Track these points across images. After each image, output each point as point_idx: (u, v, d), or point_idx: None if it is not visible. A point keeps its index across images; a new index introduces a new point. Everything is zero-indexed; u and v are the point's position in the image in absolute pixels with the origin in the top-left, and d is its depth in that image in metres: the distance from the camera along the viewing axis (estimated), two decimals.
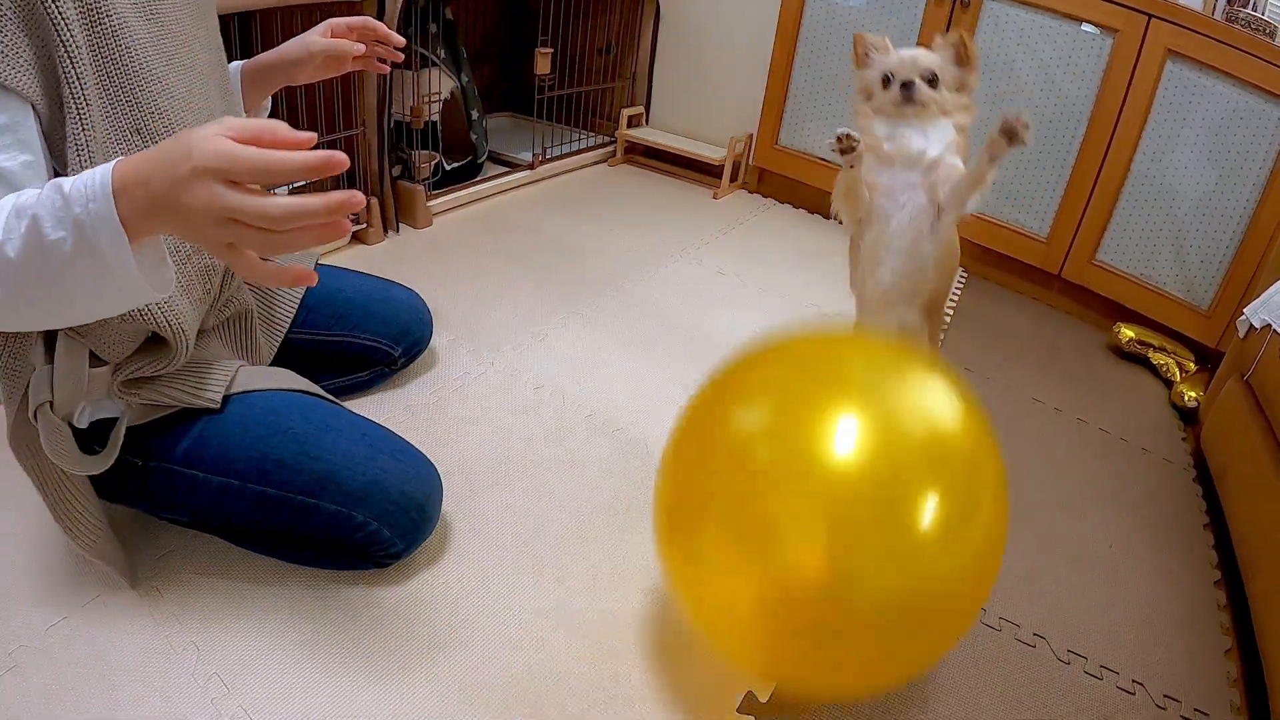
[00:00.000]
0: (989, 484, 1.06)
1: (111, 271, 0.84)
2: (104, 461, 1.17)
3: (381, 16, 2.32)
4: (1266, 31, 2.32)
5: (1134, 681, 1.43)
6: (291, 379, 1.41)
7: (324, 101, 2.35)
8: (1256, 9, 2.43)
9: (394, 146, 2.65)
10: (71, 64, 0.95)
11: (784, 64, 3.06)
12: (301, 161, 0.78)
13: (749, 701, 1.28)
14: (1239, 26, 2.31)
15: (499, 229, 2.80)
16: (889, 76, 1.43)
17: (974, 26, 2.62)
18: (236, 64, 1.48)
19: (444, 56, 2.74)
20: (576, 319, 2.28)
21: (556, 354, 2.11)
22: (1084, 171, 2.58)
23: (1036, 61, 2.57)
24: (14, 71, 0.92)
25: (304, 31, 1.82)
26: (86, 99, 0.98)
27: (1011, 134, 1.25)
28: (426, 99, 2.68)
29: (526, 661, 1.29)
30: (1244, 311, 1.97)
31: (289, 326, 1.61)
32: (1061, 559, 1.69)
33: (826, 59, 2.96)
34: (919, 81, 1.42)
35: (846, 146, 1.35)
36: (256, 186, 0.79)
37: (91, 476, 1.21)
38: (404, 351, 1.83)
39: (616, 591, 1.44)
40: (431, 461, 1.41)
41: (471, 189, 2.94)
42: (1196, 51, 2.30)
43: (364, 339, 1.74)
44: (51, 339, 1.12)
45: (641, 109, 3.61)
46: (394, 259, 2.49)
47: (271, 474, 1.26)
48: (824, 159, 3.09)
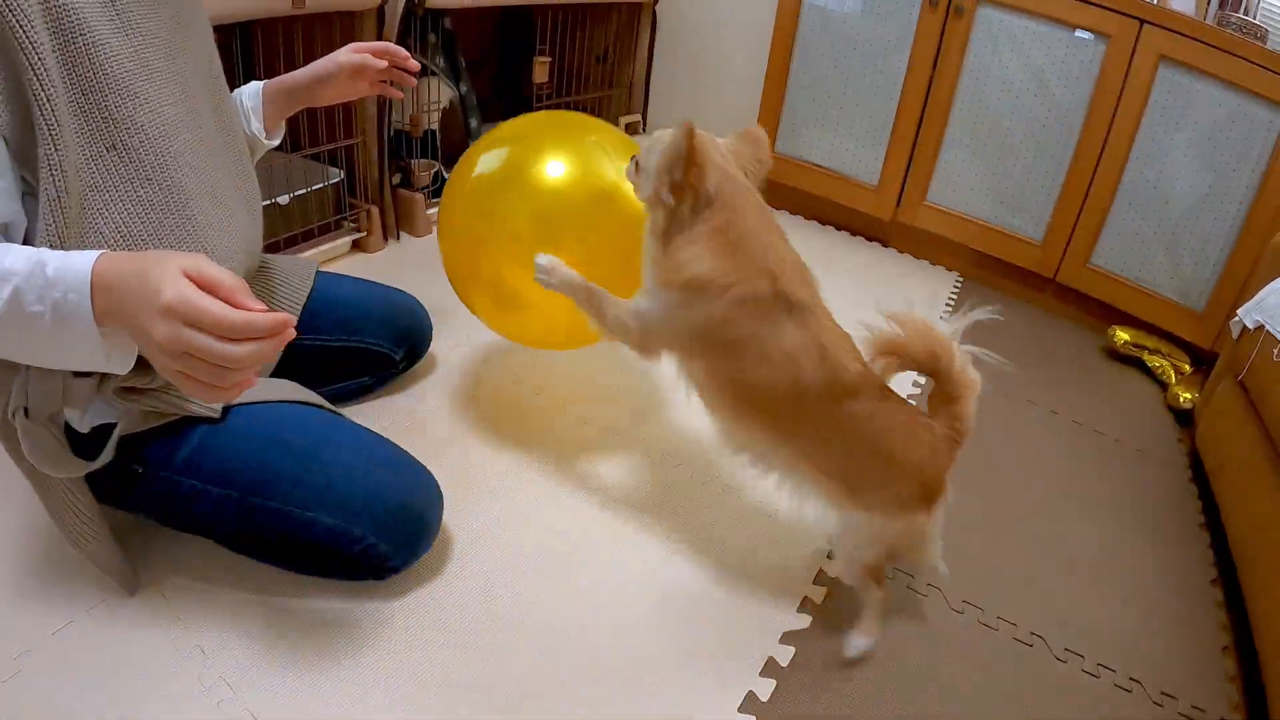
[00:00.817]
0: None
1: (81, 349, 0.94)
2: (84, 467, 1.16)
3: (381, 27, 2.34)
4: (1258, 35, 2.34)
5: (1131, 679, 1.44)
6: (293, 390, 1.41)
7: (325, 111, 2.36)
8: (1248, 13, 2.45)
9: (394, 155, 2.66)
10: (41, 86, 0.95)
11: (780, 71, 3.07)
12: (260, 324, 0.86)
13: (750, 701, 1.29)
14: (1231, 31, 2.33)
15: None
16: None
17: (968, 33, 2.64)
18: (258, 84, 1.51)
19: (443, 66, 2.76)
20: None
21: (557, 360, 2.11)
22: (1078, 176, 2.60)
23: (1030, 67, 2.58)
24: None
25: (303, 42, 1.85)
26: (58, 120, 0.97)
27: None
28: (426, 108, 2.69)
29: (530, 667, 1.30)
30: (1237, 313, 1.99)
31: (296, 320, 1.62)
32: (1059, 559, 1.70)
33: (822, 66, 2.98)
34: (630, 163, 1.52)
35: None
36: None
37: (93, 483, 1.22)
38: (405, 355, 1.84)
39: (619, 599, 1.45)
40: (431, 472, 1.42)
41: None
42: (1189, 56, 2.32)
43: (366, 343, 1.75)
44: None
45: (639, 116, 3.63)
46: (394, 266, 2.49)
47: (270, 486, 1.26)
48: (821, 165, 3.11)
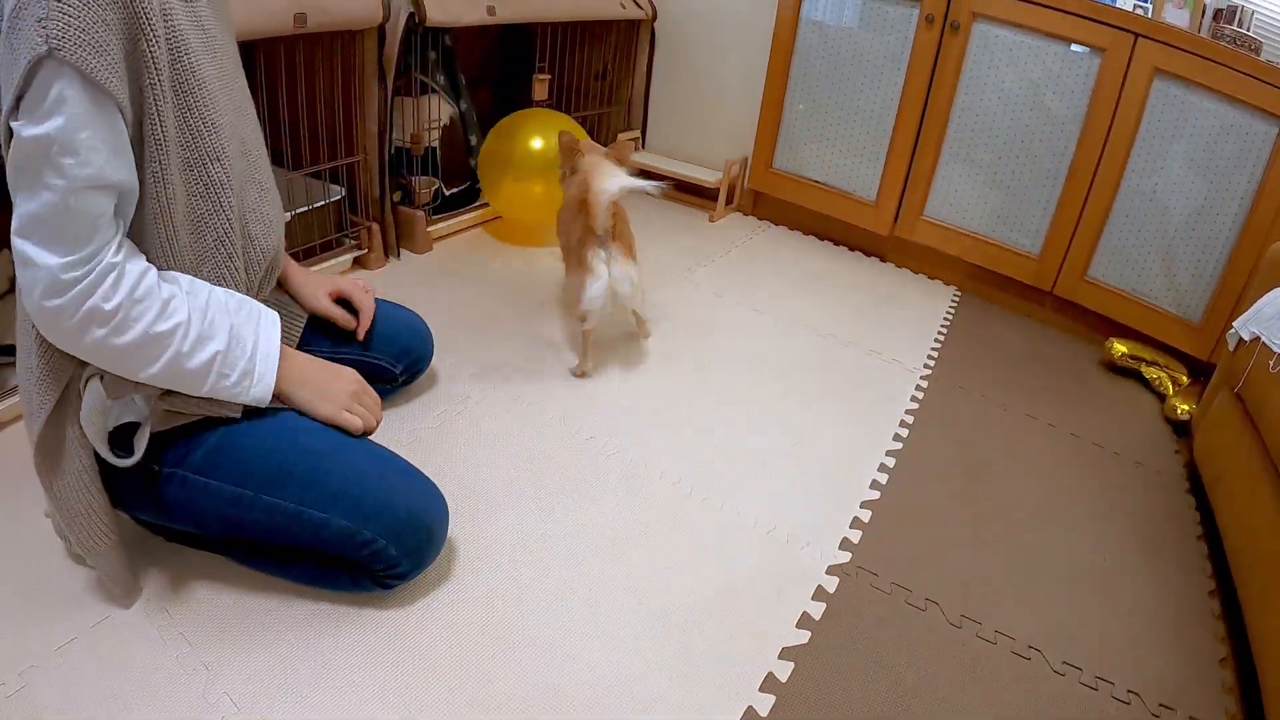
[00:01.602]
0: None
1: (240, 400, 1.27)
2: (117, 459, 1.20)
3: (382, 45, 2.36)
4: (1251, 48, 2.35)
5: (1129, 691, 1.44)
6: None
7: (326, 129, 2.38)
8: (1241, 25, 2.46)
9: (394, 172, 2.68)
10: (155, 103, 1.11)
11: (778, 88, 3.10)
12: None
13: (749, 717, 1.30)
14: (1225, 44, 2.34)
15: (499, 254, 2.82)
16: None
17: (964, 48, 2.66)
18: None
19: (443, 83, 2.78)
20: (577, 343, 2.29)
21: (558, 378, 2.13)
22: (1074, 189, 2.61)
23: (1026, 82, 2.60)
24: (120, 89, 1.05)
25: (304, 61, 1.89)
26: (164, 133, 1.13)
27: None
28: (426, 126, 2.71)
29: (533, 680, 1.31)
30: (1234, 325, 1.99)
31: (295, 345, 1.64)
32: (1056, 572, 1.70)
33: (820, 83, 3.00)
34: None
35: None
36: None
37: (106, 482, 1.24)
38: (405, 369, 1.86)
39: (618, 613, 1.45)
40: (437, 486, 1.43)
41: (471, 214, 2.97)
42: (1183, 69, 2.33)
43: (365, 357, 1.76)
44: None
45: (638, 133, 3.65)
46: (395, 283, 2.51)
47: (284, 486, 1.28)
48: (819, 181, 3.12)
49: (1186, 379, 2.49)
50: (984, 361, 2.54)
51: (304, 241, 2.38)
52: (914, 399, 2.24)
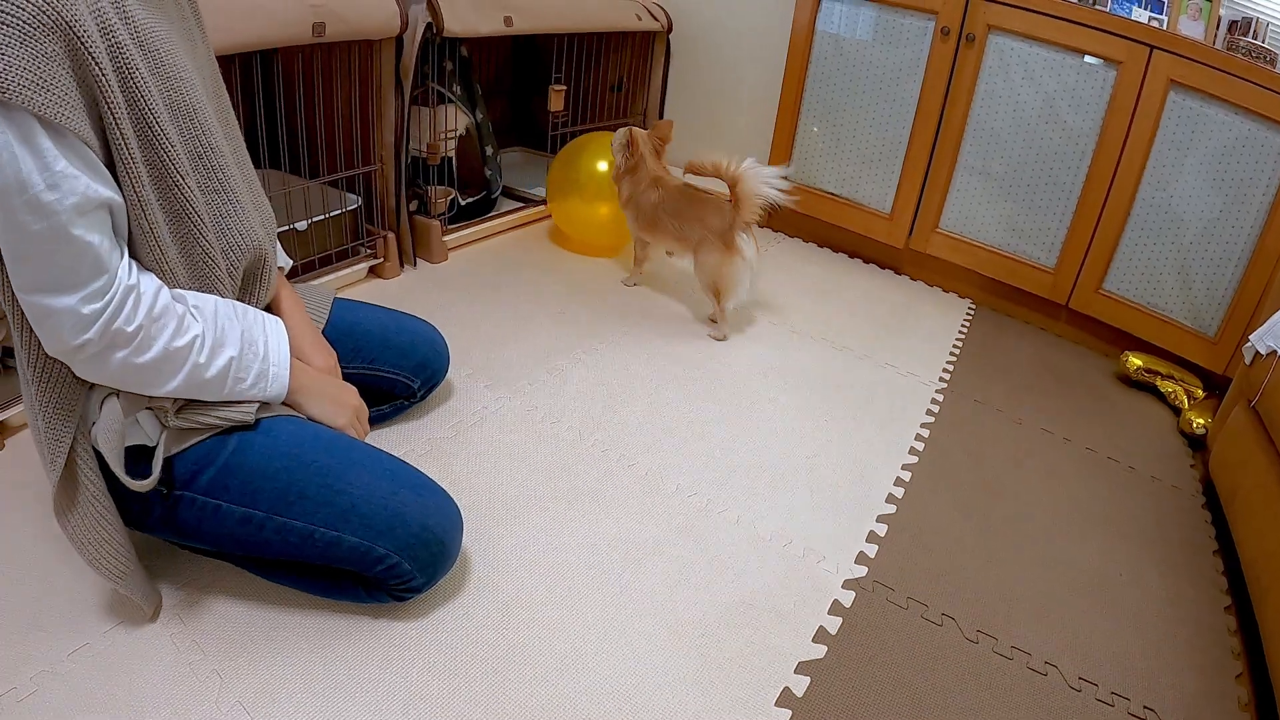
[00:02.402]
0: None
1: (258, 399, 1.30)
2: (131, 484, 1.19)
3: (399, 55, 2.37)
4: (1267, 59, 2.35)
5: (1145, 708, 1.43)
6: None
7: (343, 138, 2.40)
8: (1257, 37, 2.46)
9: (410, 182, 2.69)
10: (116, 126, 1.07)
11: (793, 100, 3.10)
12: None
13: None
14: (1240, 55, 2.34)
15: (514, 264, 2.83)
16: None
17: (980, 60, 2.67)
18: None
19: (459, 93, 2.79)
20: (593, 355, 2.30)
21: (573, 389, 2.13)
22: (1090, 202, 2.61)
23: (1042, 94, 2.60)
24: (78, 120, 1.01)
25: (322, 69, 1.91)
26: (132, 155, 1.11)
27: None
28: (442, 135, 2.72)
29: (547, 693, 1.31)
30: (1250, 338, 1.99)
31: (324, 324, 1.65)
32: (1072, 587, 1.70)
33: (835, 94, 3.00)
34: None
35: None
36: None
37: (118, 503, 1.24)
38: (422, 384, 1.86)
39: (634, 627, 1.45)
40: (451, 497, 1.43)
41: (486, 224, 2.98)
42: (1199, 81, 2.33)
43: (383, 371, 1.77)
44: None
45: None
46: (410, 293, 2.52)
47: (295, 506, 1.27)
48: (833, 193, 3.13)
49: (1202, 393, 2.49)
50: (999, 375, 2.53)
51: (320, 250, 2.39)
52: (929, 412, 2.24)
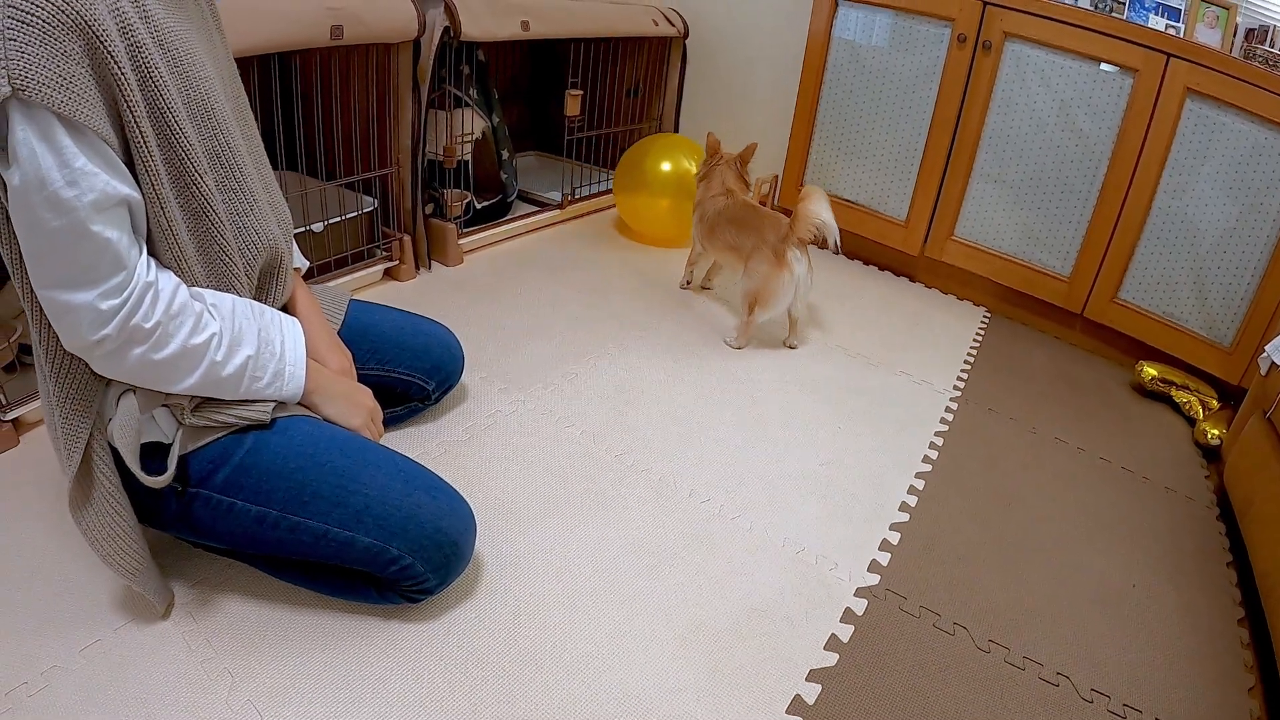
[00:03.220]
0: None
1: (274, 399, 1.31)
2: (147, 480, 1.19)
3: (416, 59, 2.38)
4: None
5: (1157, 719, 1.43)
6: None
7: (360, 141, 2.41)
8: (1274, 45, 2.45)
9: (427, 185, 2.70)
10: (135, 124, 1.08)
11: (809, 106, 3.11)
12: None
13: None
14: (1257, 63, 2.33)
15: (529, 268, 2.84)
16: None
17: (996, 67, 2.66)
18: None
19: (476, 97, 2.80)
20: (607, 359, 2.31)
21: (587, 394, 2.14)
22: (1106, 210, 2.60)
23: (1058, 102, 2.60)
24: (97, 118, 1.02)
25: (340, 72, 1.92)
26: (151, 153, 1.11)
27: None
28: (459, 139, 2.73)
29: (558, 697, 1.31)
30: (1265, 349, 1.98)
31: (340, 325, 1.66)
32: (1085, 598, 1.69)
33: (852, 101, 3.01)
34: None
35: None
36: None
37: (132, 500, 1.25)
38: (437, 386, 1.86)
39: (645, 632, 1.45)
40: (465, 499, 1.43)
41: (502, 228, 2.99)
42: (1215, 89, 2.32)
43: (399, 374, 1.78)
44: None
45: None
46: (425, 296, 2.53)
47: (309, 505, 1.28)
48: (849, 200, 3.13)
49: (1217, 403, 2.48)
50: (1014, 384, 2.53)
51: (336, 252, 2.40)
52: (943, 421, 2.24)
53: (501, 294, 2.61)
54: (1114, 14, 2.53)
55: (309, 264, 1.67)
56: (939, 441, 2.14)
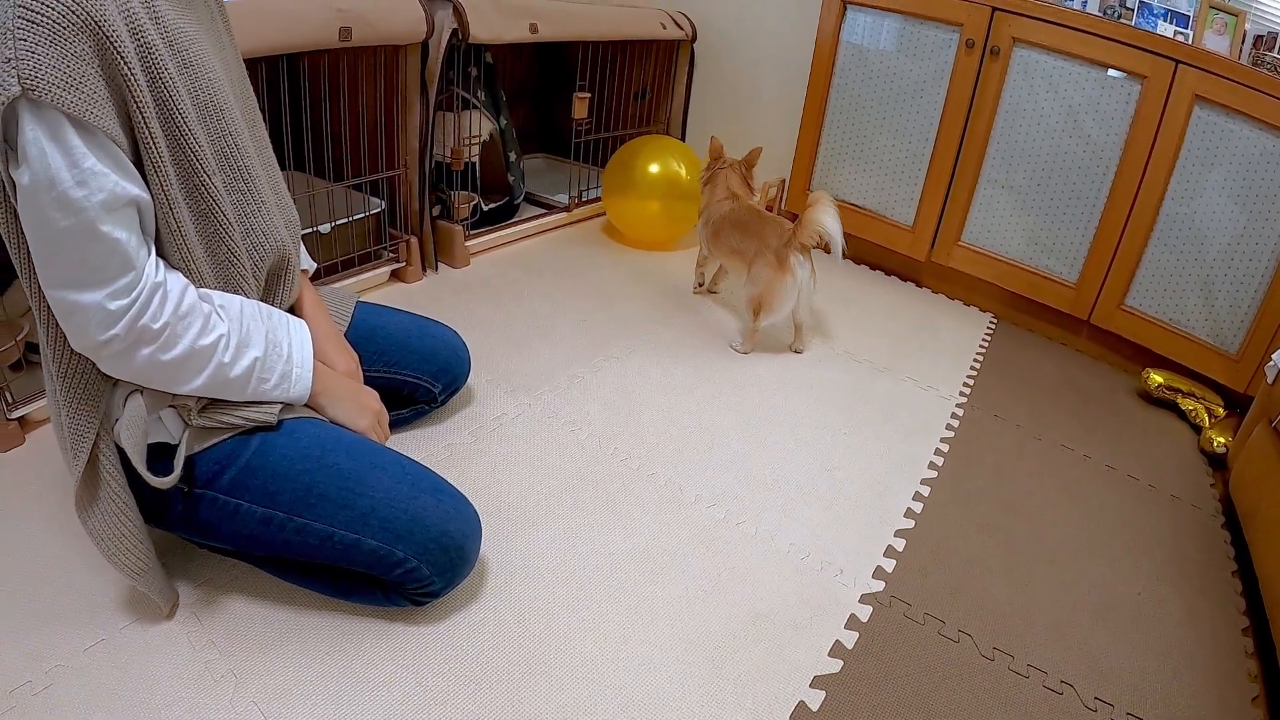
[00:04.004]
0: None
1: (281, 400, 1.31)
2: (153, 480, 1.19)
3: (424, 60, 2.38)
4: None
5: None
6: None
7: (368, 142, 2.41)
8: None
9: (434, 186, 2.70)
10: (145, 125, 1.08)
11: (816, 110, 3.10)
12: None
13: None
14: (1265, 70, 2.32)
15: (536, 270, 2.84)
16: None
17: (1004, 73, 2.66)
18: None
19: (483, 99, 2.80)
20: (613, 363, 2.31)
21: (593, 396, 2.14)
22: (1113, 217, 2.60)
23: (1066, 108, 2.59)
24: (107, 119, 1.02)
25: (348, 74, 1.92)
26: (160, 155, 1.12)
27: None
28: (466, 141, 2.73)
29: (562, 701, 1.31)
30: (1272, 357, 1.98)
31: (346, 327, 1.66)
32: (1089, 606, 1.69)
33: (859, 105, 3.00)
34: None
35: None
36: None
37: (138, 500, 1.25)
38: (443, 389, 1.86)
39: (650, 636, 1.45)
40: (470, 503, 1.43)
41: (509, 230, 3.00)
42: (1223, 96, 2.32)
43: (405, 375, 1.78)
44: None
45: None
46: (432, 298, 2.53)
47: (315, 507, 1.28)
48: (856, 204, 3.12)
49: (1223, 411, 2.47)
50: (1020, 390, 2.52)
51: (342, 253, 2.41)
52: (949, 427, 2.23)
53: (508, 296, 2.61)
54: (1122, 20, 2.52)
55: (315, 265, 1.67)
56: (944, 448, 2.14)
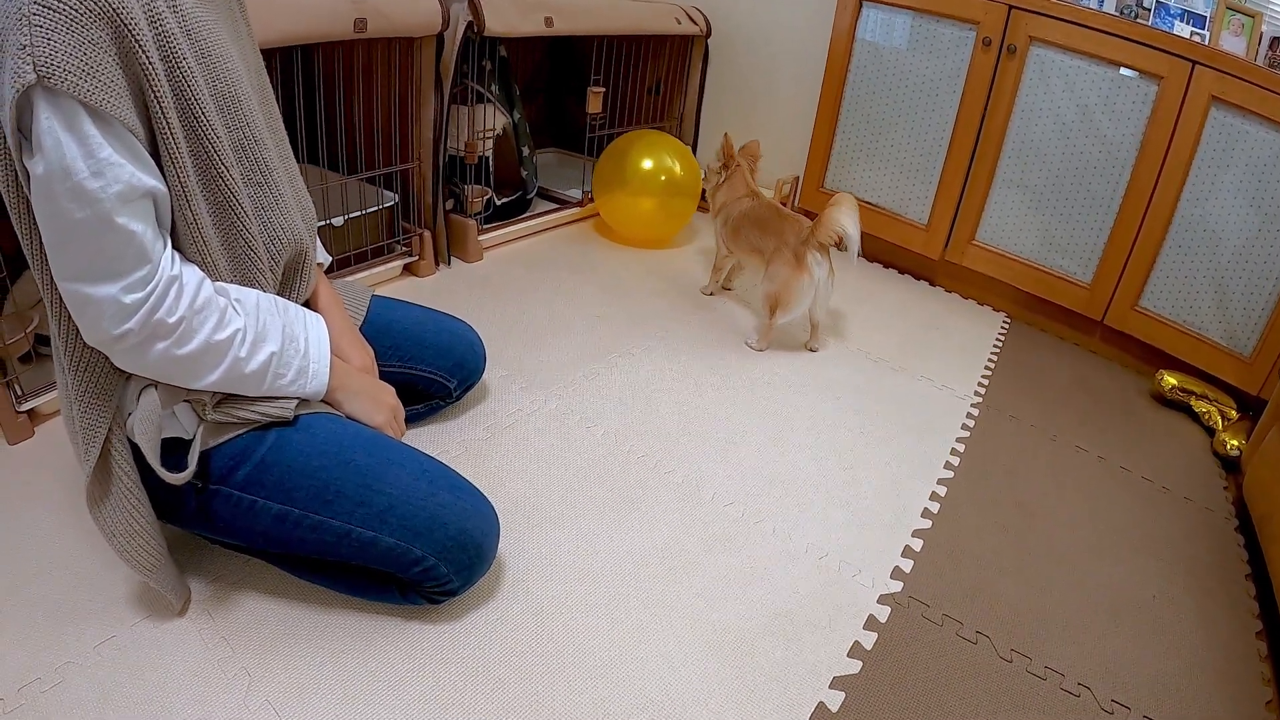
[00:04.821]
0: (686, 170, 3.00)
1: (297, 395, 1.31)
2: (167, 475, 1.18)
3: (439, 54, 2.38)
4: None
5: None
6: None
7: (382, 135, 2.41)
8: None
9: (447, 180, 2.70)
10: (162, 115, 1.07)
11: (832, 108, 3.09)
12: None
13: None
14: None
15: (549, 265, 2.84)
16: None
17: (1020, 72, 2.65)
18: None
19: (497, 93, 2.79)
20: (628, 359, 2.30)
21: (609, 393, 2.13)
22: (1128, 217, 2.59)
23: (1082, 108, 2.58)
24: (123, 108, 1.00)
25: (362, 65, 1.91)
26: (177, 145, 1.10)
27: None
28: (480, 134, 2.73)
29: (581, 700, 1.30)
30: None
31: (361, 322, 1.66)
32: (1104, 609, 1.68)
33: (874, 103, 2.99)
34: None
35: None
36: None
37: (151, 496, 1.24)
38: (458, 384, 1.86)
39: (668, 636, 1.45)
40: (488, 500, 1.42)
41: (522, 224, 2.99)
42: (1240, 97, 2.31)
43: (420, 371, 1.77)
44: None
45: (689, 149, 3.65)
46: (445, 292, 2.53)
47: (332, 504, 1.27)
48: (870, 203, 3.11)
49: (1236, 414, 2.46)
50: (1034, 390, 2.51)
51: (356, 246, 2.40)
52: (964, 427, 2.23)
53: (521, 291, 2.61)
54: (1139, 20, 2.51)
55: (330, 258, 1.66)
56: (960, 448, 2.13)
